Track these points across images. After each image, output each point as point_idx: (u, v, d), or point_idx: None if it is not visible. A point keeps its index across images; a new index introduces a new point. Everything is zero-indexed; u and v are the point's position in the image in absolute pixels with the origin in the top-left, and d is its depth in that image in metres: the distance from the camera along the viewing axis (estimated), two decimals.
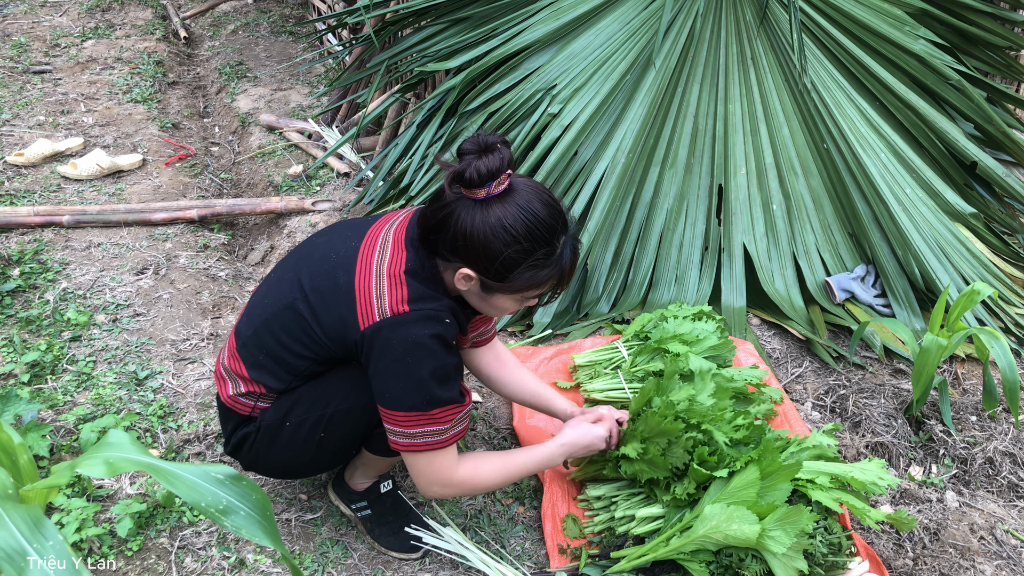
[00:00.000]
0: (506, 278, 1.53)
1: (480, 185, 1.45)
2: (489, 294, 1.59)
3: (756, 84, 3.02)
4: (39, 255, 2.91)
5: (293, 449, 1.72)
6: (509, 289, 1.56)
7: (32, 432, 1.98)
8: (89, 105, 4.29)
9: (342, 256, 1.62)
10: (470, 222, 1.48)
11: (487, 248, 1.49)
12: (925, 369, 2.29)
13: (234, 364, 1.72)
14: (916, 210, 3.00)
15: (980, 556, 2.00)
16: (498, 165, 1.44)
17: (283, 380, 1.68)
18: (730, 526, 1.63)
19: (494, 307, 1.63)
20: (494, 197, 1.48)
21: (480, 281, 1.56)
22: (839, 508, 1.79)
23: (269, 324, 1.66)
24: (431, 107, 3.09)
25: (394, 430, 1.59)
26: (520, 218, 1.48)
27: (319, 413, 1.68)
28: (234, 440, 1.77)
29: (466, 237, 1.49)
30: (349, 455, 1.87)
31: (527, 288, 1.56)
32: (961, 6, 3.22)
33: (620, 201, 2.90)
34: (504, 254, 1.49)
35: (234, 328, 1.77)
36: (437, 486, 1.65)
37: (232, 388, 1.73)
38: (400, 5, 3.13)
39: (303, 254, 1.71)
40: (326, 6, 5.13)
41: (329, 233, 1.73)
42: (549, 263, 1.54)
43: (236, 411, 1.74)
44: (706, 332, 2.28)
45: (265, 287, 1.75)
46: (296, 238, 3.21)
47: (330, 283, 1.59)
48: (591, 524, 1.93)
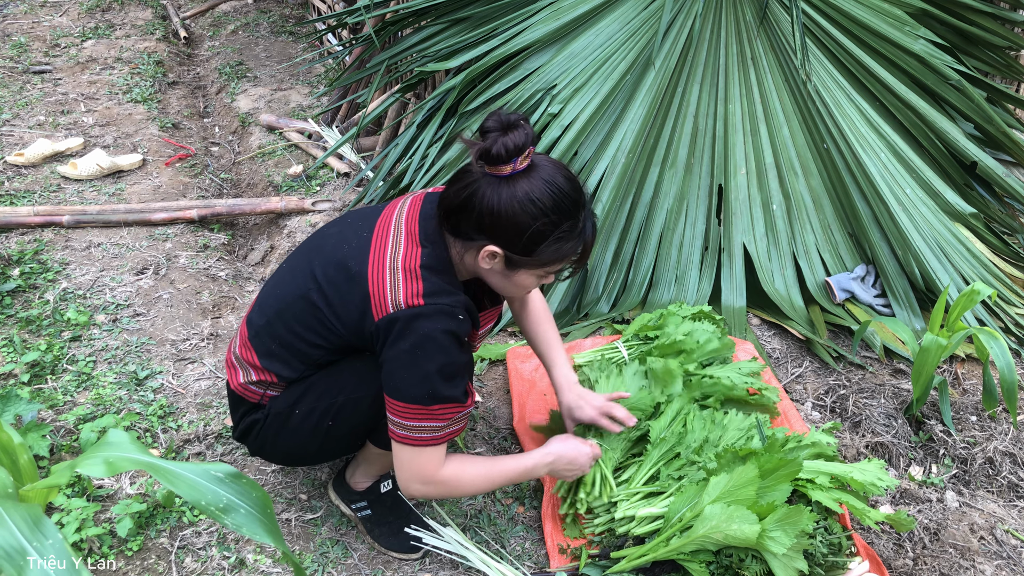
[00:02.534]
0: (533, 252, 1.56)
1: (507, 161, 1.48)
2: (513, 271, 1.61)
3: (756, 84, 3.02)
4: (39, 255, 2.91)
5: (301, 437, 1.74)
6: (534, 263, 1.58)
7: (32, 432, 1.98)
8: (89, 105, 4.29)
9: (354, 247, 1.64)
10: (497, 198, 1.51)
11: (515, 222, 1.51)
12: (925, 369, 2.29)
13: (246, 353, 1.74)
14: (916, 210, 3.00)
15: (980, 556, 2.00)
16: (523, 141, 1.47)
17: (296, 369, 1.70)
18: (730, 526, 1.63)
19: (515, 285, 1.65)
20: (519, 173, 1.51)
21: (505, 258, 1.57)
22: (839, 508, 1.79)
23: (282, 314, 1.69)
24: (431, 107, 3.09)
25: (393, 419, 1.60)
26: (547, 191, 1.51)
27: (329, 402, 1.69)
28: (242, 426, 1.80)
29: (493, 213, 1.51)
30: (355, 446, 1.87)
31: (552, 261, 1.59)
32: (961, 6, 3.22)
33: (620, 201, 2.90)
34: (532, 227, 1.51)
35: (246, 318, 1.79)
36: (417, 483, 1.64)
37: (243, 376, 1.74)
38: (400, 5, 3.13)
39: (314, 246, 1.74)
40: (326, 6, 5.14)
41: (339, 224, 1.75)
42: (574, 236, 1.58)
43: (246, 398, 1.76)
44: (706, 335, 2.27)
45: (277, 277, 1.77)
46: (296, 238, 3.21)
47: (343, 274, 1.61)
48: (591, 524, 1.93)
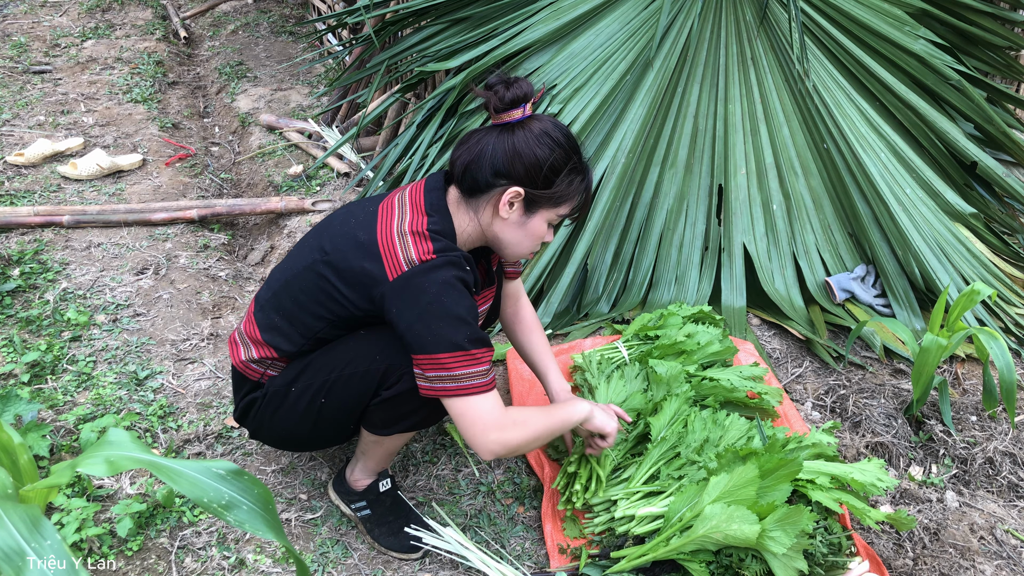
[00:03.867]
0: (552, 183, 1.65)
1: (517, 106, 1.62)
2: (530, 215, 1.68)
3: (756, 84, 3.02)
4: (39, 255, 2.91)
5: (295, 417, 1.75)
6: (550, 201, 1.67)
7: (32, 432, 1.98)
8: (89, 105, 4.29)
9: (361, 220, 1.69)
10: (513, 140, 1.63)
11: (534, 155, 1.62)
12: (925, 369, 2.29)
13: (249, 328, 1.79)
14: (916, 210, 3.00)
15: (980, 556, 2.00)
16: (528, 89, 1.62)
17: (295, 343, 1.73)
18: (730, 526, 1.63)
19: (529, 233, 1.72)
20: (528, 118, 1.64)
21: (526, 197, 1.65)
22: (839, 508, 1.79)
23: (289, 285, 1.73)
24: (431, 107, 3.09)
25: (440, 375, 1.57)
26: (556, 128, 1.65)
27: (323, 379, 1.71)
28: (242, 405, 1.83)
29: (514, 152, 1.62)
30: (347, 428, 1.84)
31: (565, 197, 1.68)
32: (961, 6, 3.22)
33: (620, 201, 2.90)
34: (550, 159, 1.63)
35: (254, 297, 1.84)
36: (494, 431, 1.60)
37: (244, 353, 1.78)
38: (400, 5, 3.13)
39: (322, 227, 1.79)
40: (326, 6, 5.14)
41: (345, 207, 1.81)
42: (583, 169, 1.70)
43: (247, 376, 1.80)
44: (708, 336, 2.27)
45: (286, 259, 1.82)
46: (296, 238, 3.21)
47: (351, 242, 1.65)
48: (591, 524, 1.93)
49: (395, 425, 1.77)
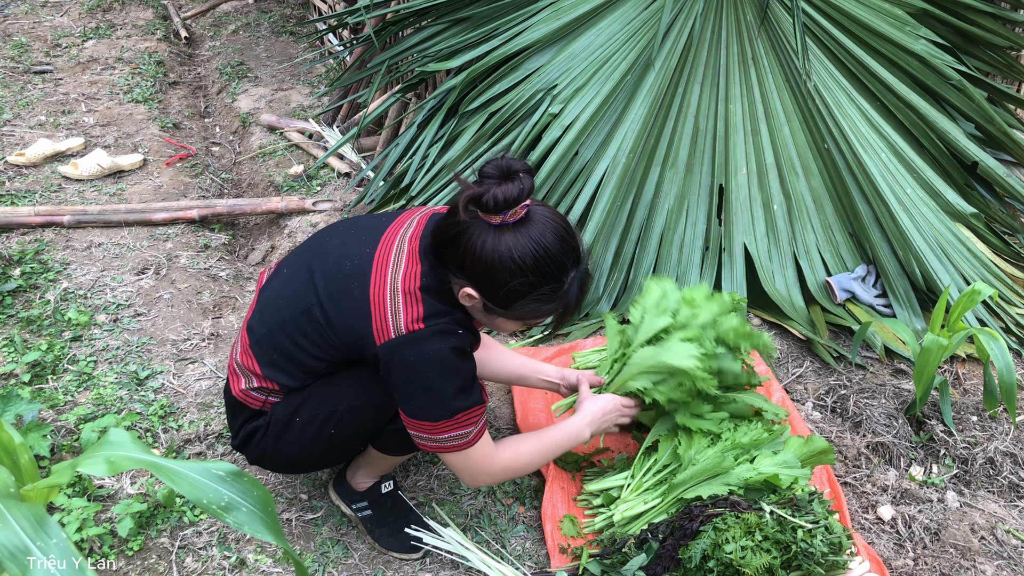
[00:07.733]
0: (509, 307, 1.54)
1: (496, 212, 1.44)
2: (491, 316, 1.60)
3: (757, 84, 3.02)
4: (40, 255, 2.91)
5: (302, 444, 1.73)
6: (511, 316, 1.58)
7: (33, 432, 1.98)
8: (90, 105, 4.29)
9: (357, 264, 1.62)
10: (480, 246, 1.47)
11: (493, 275, 1.49)
12: (926, 369, 2.29)
13: (247, 360, 1.73)
14: (917, 210, 3.00)
15: (981, 556, 2.00)
16: (516, 195, 1.43)
17: (297, 379, 1.69)
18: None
19: (495, 325, 1.66)
20: (508, 225, 1.46)
21: (483, 303, 1.56)
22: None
23: (285, 326, 1.67)
24: (432, 107, 3.09)
25: (420, 435, 1.62)
26: (530, 251, 1.46)
27: (330, 410, 1.69)
28: (243, 434, 1.77)
29: (474, 260, 1.49)
30: (356, 451, 1.88)
31: (529, 318, 1.58)
32: (962, 6, 3.21)
33: (621, 201, 2.90)
34: (509, 284, 1.49)
35: (246, 323, 1.77)
36: (484, 477, 1.70)
37: (244, 383, 1.73)
38: (400, 5, 3.13)
39: (316, 254, 1.71)
40: (327, 6, 5.14)
41: (342, 235, 1.72)
42: (554, 299, 1.55)
43: (247, 405, 1.75)
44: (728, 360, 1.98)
45: (277, 284, 1.74)
46: (297, 238, 3.21)
47: (345, 292, 1.60)
48: (590, 524, 1.93)
49: (408, 448, 1.79)
